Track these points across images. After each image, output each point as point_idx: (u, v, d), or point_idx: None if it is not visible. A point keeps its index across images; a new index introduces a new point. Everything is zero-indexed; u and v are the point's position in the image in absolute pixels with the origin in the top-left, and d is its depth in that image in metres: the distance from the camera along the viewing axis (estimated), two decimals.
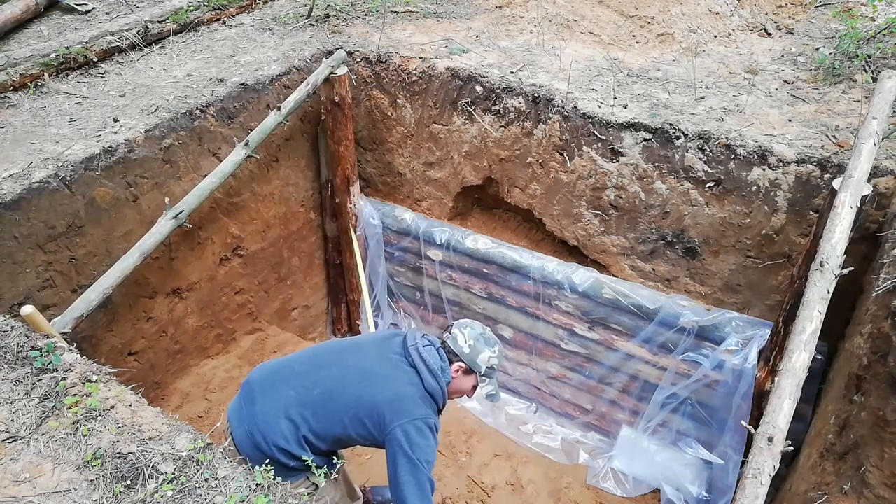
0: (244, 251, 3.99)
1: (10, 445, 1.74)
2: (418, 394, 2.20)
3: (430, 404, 2.23)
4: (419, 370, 2.24)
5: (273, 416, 2.18)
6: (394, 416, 2.13)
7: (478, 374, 2.32)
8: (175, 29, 4.26)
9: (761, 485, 1.64)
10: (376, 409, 2.15)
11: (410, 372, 2.24)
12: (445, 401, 2.30)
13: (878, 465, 2.09)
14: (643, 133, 3.20)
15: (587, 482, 3.76)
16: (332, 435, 2.20)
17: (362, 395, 2.18)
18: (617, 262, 3.61)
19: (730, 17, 4.19)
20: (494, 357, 2.33)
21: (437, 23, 4.40)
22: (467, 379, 2.34)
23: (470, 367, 2.30)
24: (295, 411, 2.17)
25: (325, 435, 2.19)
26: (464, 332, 2.33)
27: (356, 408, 2.17)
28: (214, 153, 3.54)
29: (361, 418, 2.16)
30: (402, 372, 2.24)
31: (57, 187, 2.86)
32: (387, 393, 2.18)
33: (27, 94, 3.51)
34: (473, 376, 2.34)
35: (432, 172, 4.15)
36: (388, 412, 2.14)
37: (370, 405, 2.16)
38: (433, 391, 2.23)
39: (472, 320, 2.45)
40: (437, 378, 2.24)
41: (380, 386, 2.20)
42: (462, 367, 2.31)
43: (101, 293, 2.69)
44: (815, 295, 2.04)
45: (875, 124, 2.53)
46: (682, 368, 3.43)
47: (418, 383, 2.22)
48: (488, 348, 2.32)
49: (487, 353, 2.31)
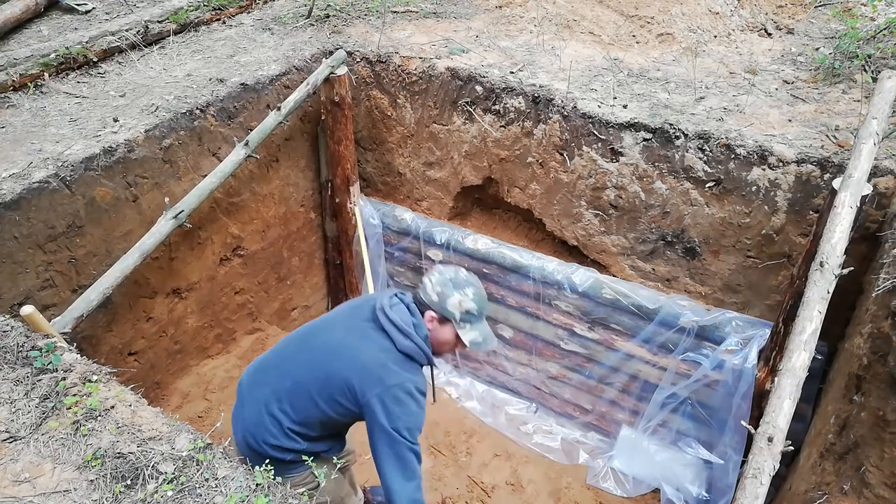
0: (244, 251, 3.99)
1: (10, 445, 1.74)
2: (391, 358, 2.05)
3: (409, 366, 2.08)
4: (389, 332, 2.07)
5: (257, 415, 2.18)
6: (365, 387, 2.00)
7: (454, 322, 2.11)
8: (175, 29, 4.26)
9: (761, 485, 1.64)
10: (347, 384, 2.03)
11: (380, 337, 2.08)
12: (430, 356, 2.13)
13: (878, 465, 2.09)
14: (643, 133, 3.20)
15: (587, 482, 3.76)
16: (315, 421, 2.11)
17: (330, 373, 2.08)
18: (617, 262, 3.61)
19: (730, 17, 4.19)
20: (469, 300, 2.09)
21: (437, 23, 4.40)
22: (444, 329, 2.13)
23: (443, 315, 2.10)
24: (274, 406, 2.14)
25: (309, 422, 2.12)
26: (432, 278, 2.12)
27: (328, 388, 2.07)
28: (214, 153, 3.54)
29: (335, 398, 2.06)
30: (372, 339, 2.09)
31: (57, 187, 2.86)
32: (355, 365, 2.05)
33: (27, 94, 3.51)
34: (450, 324, 2.12)
35: (432, 172, 4.15)
36: (359, 384, 2.01)
37: (340, 382, 2.04)
38: (409, 350, 2.07)
39: (447, 266, 2.22)
40: (408, 336, 2.07)
41: (347, 360, 2.07)
42: (434, 315, 2.11)
43: (101, 293, 2.69)
44: (815, 295, 2.04)
45: (875, 124, 2.53)
46: (682, 368, 3.43)
47: (390, 347, 2.06)
48: (457, 291, 2.08)
49: (457, 297, 2.08)
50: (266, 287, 4.27)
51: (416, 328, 2.09)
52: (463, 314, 2.10)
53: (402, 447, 2.00)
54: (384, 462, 2.01)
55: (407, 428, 2.00)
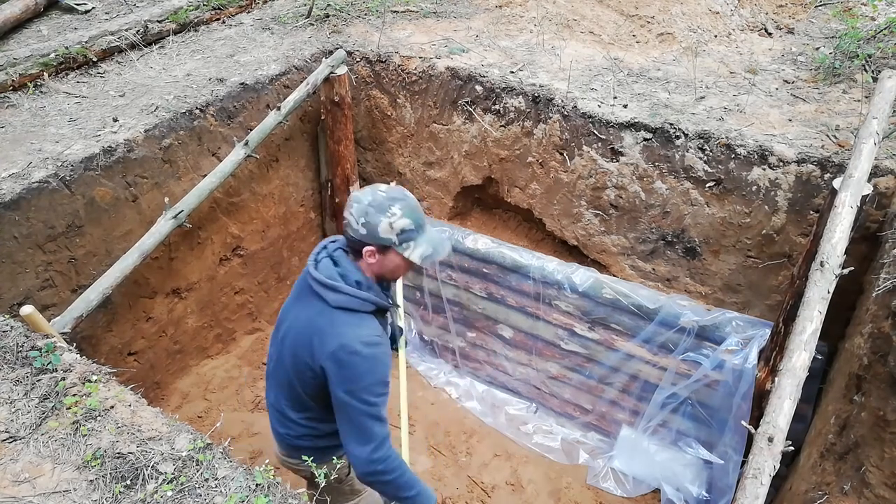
0: (244, 251, 3.99)
1: (10, 445, 1.74)
2: (328, 321, 1.90)
3: (350, 320, 1.91)
4: (319, 293, 1.92)
5: (276, 422, 2.23)
6: (317, 359, 1.91)
7: (394, 247, 1.91)
8: (175, 28, 4.26)
9: (761, 485, 1.64)
10: (306, 365, 1.95)
11: (316, 301, 1.94)
12: (373, 299, 1.95)
13: (878, 465, 2.09)
14: (643, 133, 3.19)
15: (587, 482, 3.76)
16: (313, 407, 2.08)
17: (291, 362, 2.02)
18: (617, 261, 3.61)
19: (730, 17, 4.19)
20: (398, 219, 1.87)
21: (437, 22, 4.40)
22: (388, 257, 1.93)
23: (381, 245, 1.90)
24: (282, 406, 2.16)
25: (311, 411, 2.10)
26: (352, 210, 1.87)
27: (297, 377, 2.01)
28: (214, 153, 3.54)
29: (307, 381, 1.98)
30: (310, 307, 1.96)
31: (56, 187, 2.86)
32: (303, 340, 1.95)
33: (27, 93, 3.51)
34: (391, 251, 1.92)
35: (432, 172, 4.15)
36: (311, 359, 1.92)
37: (301, 366, 1.97)
38: (343, 304, 1.90)
39: (362, 190, 1.93)
40: (336, 289, 1.89)
41: (298, 339, 1.98)
42: (372, 249, 1.90)
43: (100, 293, 2.69)
44: (815, 295, 2.04)
45: (875, 124, 2.53)
46: (682, 368, 3.43)
47: (323, 308, 1.91)
48: (383, 214, 1.86)
49: (385, 221, 1.86)
50: (266, 287, 4.26)
51: (343, 278, 1.92)
52: (399, 235, 1.88)
53: (353, 411, 1.90)
54: (340, 427, 1.95)
55: (358, 389, 1.88)
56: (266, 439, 3.69)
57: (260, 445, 3.64)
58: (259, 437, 3.70)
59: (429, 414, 4.08)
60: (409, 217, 1.89)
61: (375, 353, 1.89)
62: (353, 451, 1.94)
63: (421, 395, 4.24)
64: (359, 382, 1.87)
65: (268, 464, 1.73)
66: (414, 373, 4.47)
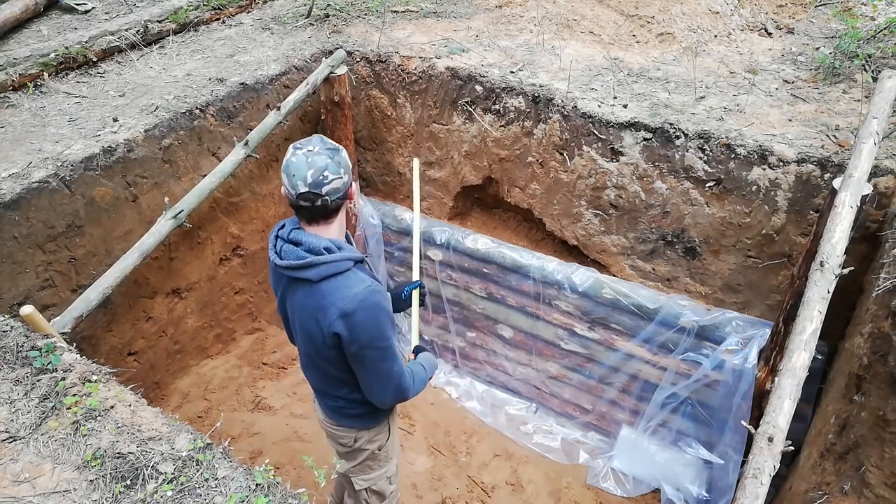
0: (244, 251, 3.99)
1: (10, 445, 1.74)
2: (320, 296, 1.91)
3: (337, 283, 1.90)
4: (301, 277, 1.92)
5: (322, 400, 2.33)
6: (326, 337, 1.93)
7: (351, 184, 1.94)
8: (174, 28, 4.26)
9: (761, 485, 1.64)
10: (323, 344, 1.97)
11: (301, 287, 1.96)
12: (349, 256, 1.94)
13: (878, 465, 2.09)
14: (643, 133, 3.19)
15: (587, 482, 3.76)
16: (350, 381, 2.11)
17: (313, 349, 2.05)
18: (617, 261, 3.61)
19: (730, 17, 4.19)
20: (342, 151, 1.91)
21: (437, 22, 4.40)
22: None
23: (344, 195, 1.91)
24: (325, 388, 2.23)
25: (349, 385, 2.13)
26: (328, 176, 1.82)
27: (324, 360, 2.05)
28: (214, 153, 3.54)
29: (332, 359, 2.01)
30: (301, 292, 1.98)
31: (56, 187, 2.86)
32: (311, 327, 1.98)
33: (26, 93, 3.51)
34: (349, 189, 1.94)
35: (432, 172, 4.15)
36: (324, 338, 1.94)
37: (320, 347, 1.99)
38: (323, 274, 1.90)
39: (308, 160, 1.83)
40: (311, 265, 1.89)
41: (305, 327, 2.01)
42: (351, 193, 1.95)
43: (100, 293, 2.69)
44: (815, 295, 2.04)
45: (875, 124, 2.53)
46: (682, 368, 3.43)
47: (310, 288, 1.93)
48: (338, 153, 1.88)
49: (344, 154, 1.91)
50: (266, 287, 4.26)
51: (311, 252, 1.90)
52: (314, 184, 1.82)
53: (370, 361, 1.97)
54: (360, 376, 2.04)
55: (368, 341, 1.92)
56: (266, 439, 3.70)
57: (260, 445, 3.64)
58: (259, 436, 3.70)
59: (429, 414, 4.08)
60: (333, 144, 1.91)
61: (374, 302, 1.91)
62: (376, 394, 2.07)
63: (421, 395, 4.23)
64: (369, 334, 1.92)
65: (268, 464, 1.73)
66: None
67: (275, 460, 3.49)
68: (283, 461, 3.54)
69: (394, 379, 2.03)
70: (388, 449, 2.47)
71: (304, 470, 3.47)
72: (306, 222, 1.95)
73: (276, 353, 4.22)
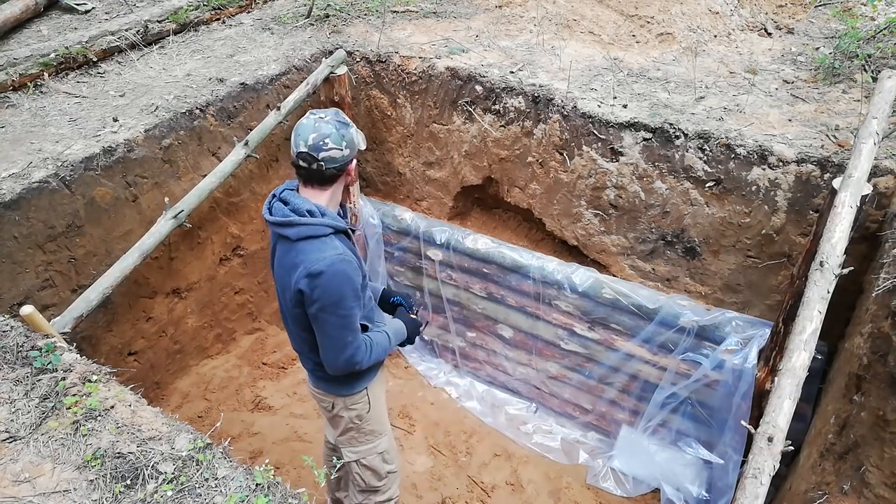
0: (244, 251, 3.99)
1: (10, 445, 1.74)
2: (295, 254, 2.01)
3: (312, 245, 1.99)
4: (283, 235, 2.03)
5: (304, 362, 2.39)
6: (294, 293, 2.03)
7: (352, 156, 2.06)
8: (175, 29, 4.26)
9: (761, 484, 1.64)
10: (294, 301, 2.06)
11: (283, 244, 2.06)
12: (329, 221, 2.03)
13: (878, 465, 2.09)
14: (643, 133, 3.20)
15: (587, 482, 3.76)
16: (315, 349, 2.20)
17: (287, 308, 2.14)
18: (617, 261, 3.61)
19: (730, 17, 4.19)
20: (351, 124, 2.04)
21: (437, 22, 4.40)
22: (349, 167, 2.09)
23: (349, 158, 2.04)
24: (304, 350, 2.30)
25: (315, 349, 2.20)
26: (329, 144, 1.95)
27: (295, 321, 2.14)
28: (214, 153, 3.54)
29: (303, 321, 2.11)
30: (281, 250, 2.09)
31: (56, 187, 2.86)
32: (285, 284, 2.08)
33: (27, 93, 3.51)
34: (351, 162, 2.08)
35: (432, 172, 4.15)
36: (293, 295, 2.04)
37: (292, 306, 2.09)
38: (304, 233, 2.00)
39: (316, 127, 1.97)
40: (292, 224, 2.00)
41: (281, 284, 2.12)
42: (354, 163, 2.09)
43: (100, 293, 2.69)
44: (815, 294, 2.04)
45: (875, 124, 2.53)
46: (682, 368, 3.43)
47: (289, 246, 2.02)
48: (347, 127, 2.01)
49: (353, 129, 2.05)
50: (266, 287, 4.27)
51: (295, 212, 2.01)
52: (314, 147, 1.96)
53: (328, 325, 2.04)
54: (319, 341, 2.11)
55: (330, 305, 2.00)
56: (266, 439, 3.70)
57: (260, 445, 3.64)
58: (259, 436, 3.71)
59: (429, 414, 4.08)
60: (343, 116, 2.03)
61: (340, 270, 1.99)
62: (327, 359, 2.13)
63: (421, 395, 4.24)
64: (329, 298, 1.99)
65: (268, 464, 1.73)
66: (414, 372, 4.47)
67: (275, 460, 3.50)
68: (283, 461, 3.54)
69: (348, 349, 2.10)
70: (371, 422, 2.48)
71: (304, 470, 3.47)
72: (302, 183, 2.08)
73: (276, 353, 4.22)
